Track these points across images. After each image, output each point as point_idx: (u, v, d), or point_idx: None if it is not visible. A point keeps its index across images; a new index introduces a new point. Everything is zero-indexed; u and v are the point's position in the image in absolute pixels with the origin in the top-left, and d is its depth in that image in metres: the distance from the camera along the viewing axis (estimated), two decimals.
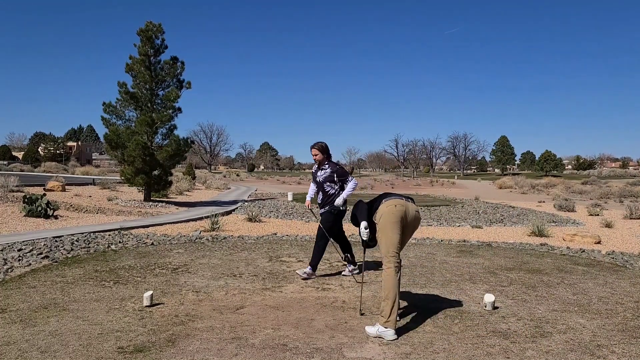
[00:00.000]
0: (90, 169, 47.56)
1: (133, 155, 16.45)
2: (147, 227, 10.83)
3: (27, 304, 4.40)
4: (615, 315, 4.40)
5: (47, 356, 3.21)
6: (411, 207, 3.96)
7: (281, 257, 7.16)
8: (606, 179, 66.25)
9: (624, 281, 5.92)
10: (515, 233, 11.75)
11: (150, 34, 17.24)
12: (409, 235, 4.07)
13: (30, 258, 6.46)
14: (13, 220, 10.43)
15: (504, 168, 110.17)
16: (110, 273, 5.82)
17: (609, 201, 28.83)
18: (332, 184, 5.71)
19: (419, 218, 3.99)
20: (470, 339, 3.69)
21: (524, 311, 4.48)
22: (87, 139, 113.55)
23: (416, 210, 3.99)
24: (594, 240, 10.15)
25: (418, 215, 3.98)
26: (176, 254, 7.31)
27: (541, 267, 6.73)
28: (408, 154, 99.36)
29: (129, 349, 3.35)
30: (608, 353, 3.45)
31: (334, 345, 3.52)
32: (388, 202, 3.92)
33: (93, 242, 8.07)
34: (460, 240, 9.61)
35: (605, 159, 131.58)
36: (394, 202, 3.89)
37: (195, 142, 65.04)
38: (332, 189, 5.72)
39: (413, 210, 3.95)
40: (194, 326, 3.89)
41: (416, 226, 4.06)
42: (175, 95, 17.46)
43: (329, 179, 5.70)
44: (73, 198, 15.89)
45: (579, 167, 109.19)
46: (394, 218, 3.81)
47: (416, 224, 4.03)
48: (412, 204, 4.02)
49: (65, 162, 64.55)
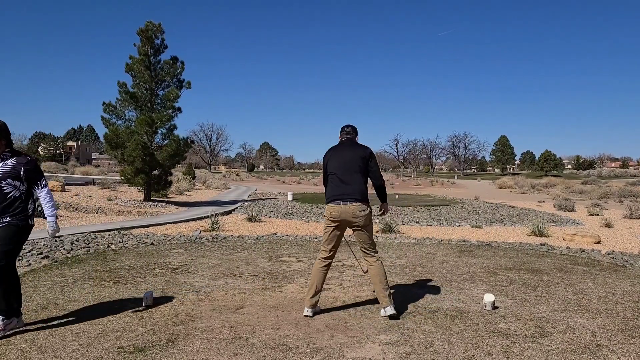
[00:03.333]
0: (90, 168, 47.58)
1: (133, 155, 16.45)
2: (147, 227, 10.83)
3: (27, 304, 4.39)
4: (615, 315, 4.40)
5: (47, 356, 3.21)
6: (348, 209, 4.12)
7: (281, 257, 7.16)
8: (606, 179, 66.27)
9: (623, 281, 5.92)
10: (515, 233, 11.75)
11: (150, 33, 17.26)
12: (360, 236, 4.21)
13: (30, 258, 6.46)
14: None
15: (504, 168, 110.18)
16: (110, 273, 5.82)
17: (609, 201, 28.83)
18: (15, 182, 3.75)
19: (359, 216, 4.10)
20: (470, 338, 3.69)
21: (524, 311, 4.48)
22: (87, 138, 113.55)
23: (359, 211, 4.10)
24: (593, 240, 10.16)
25: (357, 214, 4.10)
26: (176, 253, 7.31)
27: (541, 267, 6.73)
28: (408, 153, 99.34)
29: (129, 349, 3.35)
30: (608, 353, 3.45)
31: (334, 345, 3.51)
32: (327, 206, 4.28)
33: (93, 242, 8.07)
34: (460, 240, 9.61)
35: (605, 158, 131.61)
36: (329, 208, 4.23)
37: (195, 142, 65.01)
38: (13, 191, 3.74)
39: (351, 212, 4.12)
40: (194, 326, 3.89)
41: (361, 224, 4.14)
42: (175, 95, 17.47)
43: (9, 175, 3.73)
44: (73, 198, 15.89)
45: (579, 167, 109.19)
46: (327, 221, 4.26)
47: (359, 222, 4.14)
48: (350, 206, 4.12)
49: (65, 162, 64.57)
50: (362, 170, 4.21)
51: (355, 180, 4.18)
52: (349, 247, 5.66)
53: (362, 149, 4.29)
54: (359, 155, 4.24)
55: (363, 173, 4.21)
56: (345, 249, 8.09)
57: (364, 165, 4.21)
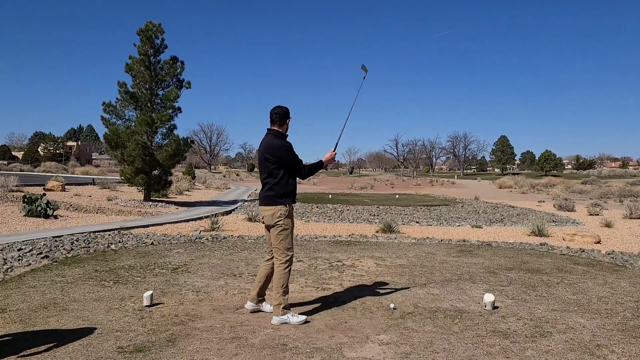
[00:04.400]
0: (90, 168, 47.54)
1: (133, 155, 16.45)
2: (147, 227, 10.83)
3: (27, 303, 4.39)
4: (615, 315, 4.41)
5: (47, 356, 3.21)
6: (262, 209, 4.13)
7: None
8: (606, 179, 66.24)
9: (623, 281, 5.92)
10: (515, 233, 11.75)
11: (150, 33, 17.24)
12: (272, 236, 4.13)
13: (30, 258, 6.46)
14: (13, 220, 10.43)
15: (504, 168, 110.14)
16: (110, 273, 5.82)
17: (609, 201, 28.83)
18: None
19: (266, 216, 4.08)
20: (470, 338, 3.69)
21: (524, 311, 4.48)
22: (87, 138, 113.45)
23: (264, 210, 4.09)
24: (593, 240, 10.16)
25: (265, 214, 4.08)
26: (176, 253, 7.31)
27: (541, 267, 6.73)
28: (408, 153, 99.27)
29: (129, 349, 3.35)
30: (608, 353, 3.46)
31: (334, 345, 3.52)
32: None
33: (93, 242, 8.07)
34: (460, 240, 9.61)
35: (605, 158, 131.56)
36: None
37: (195, 142, 64.89)
38: None
39: (262, 213, 4.14)
40: (194, 326, 3.89)
41: (267, 223, 4.11)
42: (175, 95, 17.46)
43: None
44: (73, 198, 15.89)
45: (579, 167, 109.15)
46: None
47: (267, 221, 4.10)
48: (263, 206, 4.12)
49: (65, 161, 64.51)
50: (270, 170, 3.99)
51: (266, 184, 4.09)
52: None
53: (268, 147, 3.98)
54: (264, 157, 3.99)
55: (273, 175, 3.98)
56: (345, 249, 8.10)
57: (270, 164, 3.97)
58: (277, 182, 4.00)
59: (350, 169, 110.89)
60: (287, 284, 4.02)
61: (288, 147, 4.02)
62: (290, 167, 4.01)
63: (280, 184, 4.00)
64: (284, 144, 4.01)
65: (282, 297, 3.97)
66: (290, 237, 4.07)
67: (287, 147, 4.02)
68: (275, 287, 4.01)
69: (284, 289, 3.99)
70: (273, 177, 4.00)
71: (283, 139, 4.07)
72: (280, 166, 3.99)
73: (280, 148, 3.97)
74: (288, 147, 4.02)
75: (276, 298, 3.98)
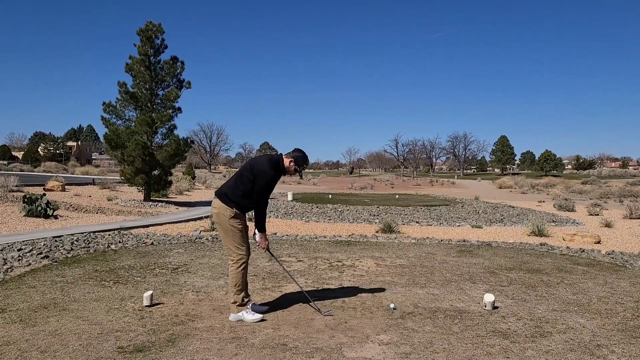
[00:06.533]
0: (90, 168, 47.53)
1: (133, 155, 16.45)
2: (147, 227, 10.84)
3: (27, 303, 4.39)
4: (615, 315, 4.41)
5: (47, 356, 3.21)
6: (214, 202, 4.21)
7: (281, 257, 7.16)
8: (606, 179, 66.23)
9: (623, 281, 5.92)
10: (515, 233, 11.75)
11: (150, 33, 17.24)
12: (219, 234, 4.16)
13: (30, 258, 6.46)
14: (13, 220, 10.43)
15: (504, 168, 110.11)
16: (110, 273, 5.82)
17: (609, 201, 28.83)
18: None
19: (215, 214, 4.15)
20: (470, 339, 3.69)
21: (524, 311, 4.48)
22: (87, 138, 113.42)
23: (213, 206, 4.17)
24: (593, 240, 10.16)
25: (214, 211, 4.15)
26: (176, 253, 7.31)
27: (541, 267, 6.73)
28: (408, 153, 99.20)
29: (129, 349, 3.35)
30: (608, 353, 3.46)
31: (334, 345, 3.52)
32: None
33: (93, 242, 8.07)
34: (460, 240, 9.61)
35: (605, 158, 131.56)
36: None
37: (195, 142, 65.03)
38: None
39: (212, 206, 4.23)
40: (194, 326, 3.89)
41: (216, 221, 4.17)
42: (175, 95, 17.45)
43: None
44: (73, 198, 15.90)
45: (578, 167, 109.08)
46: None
47: (215, 219, 4.18)
48: (216, 199, 4.19)
49: (65, 162, 64.49)
50: (244, 178, 4.09)
51: (229, 182, 4.21)
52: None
53: (257, 165, 4.14)
54: (249, 167, 4.16)
55: (244, 184, 4.08)
56: (345, 249, 8.10)
57: (247, 175, 4.09)
58: (243, 191, 4.09)
59: (350, 169, 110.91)
60: (241, 283, 4.10)
61: (269, 178, 4.13)
62: (255, 190, 4.11)
63: (243, 194, 4.10)
64: (268, 172, 4.12)
65: (237, 296, 4.09)
66: (238, 236, 4.12)
67: (269, 176, 4.13)
68: (230, 286, 4.18)
69: (238, 288, 4.10)
70: (243, 185, 4.11)
71: (273, 169, 4.16)
72: (253, 184, 4.11)
73: (262, 173, 4.09)
74: (269, 177, 4.13)
75: (231, 296, 4.12)
